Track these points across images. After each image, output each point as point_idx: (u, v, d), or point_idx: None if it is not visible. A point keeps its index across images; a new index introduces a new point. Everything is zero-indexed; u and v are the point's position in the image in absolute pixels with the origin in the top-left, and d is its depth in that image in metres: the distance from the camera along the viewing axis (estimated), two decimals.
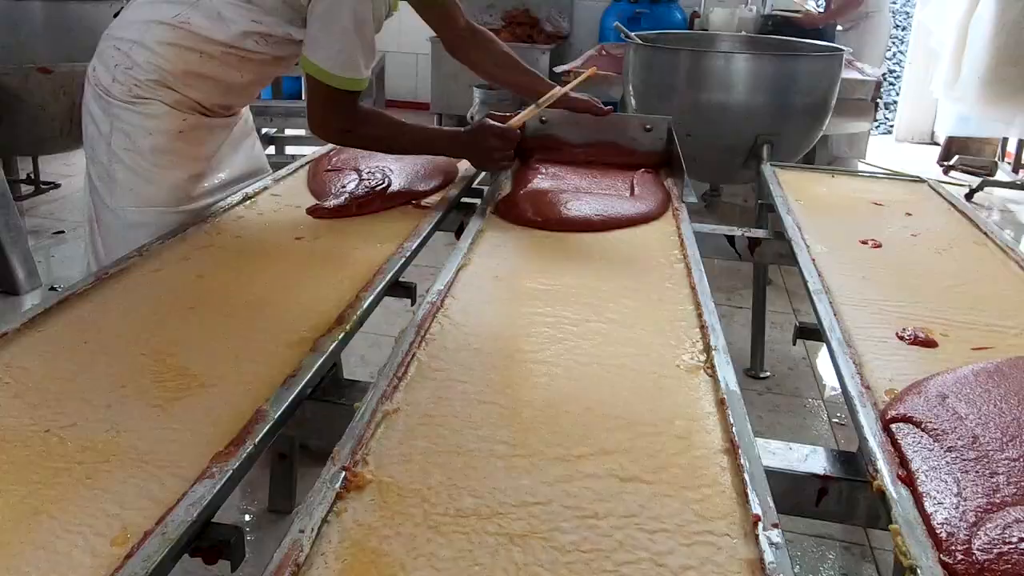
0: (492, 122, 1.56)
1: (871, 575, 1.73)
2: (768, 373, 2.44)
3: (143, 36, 1.38)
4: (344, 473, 0.74)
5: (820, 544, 1.78)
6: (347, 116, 1.44)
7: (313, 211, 1.47)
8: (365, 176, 1.64)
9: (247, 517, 1.82)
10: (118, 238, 1.43)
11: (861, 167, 4.21)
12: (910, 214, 1.67)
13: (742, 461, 0.78)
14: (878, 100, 3.38)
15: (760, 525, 0.69)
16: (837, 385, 2.40)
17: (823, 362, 2.61)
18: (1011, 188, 4.73)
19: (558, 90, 1.68)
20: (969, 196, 4.46)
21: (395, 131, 1.51)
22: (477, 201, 1.61)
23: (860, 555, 1.77)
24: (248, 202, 1.51)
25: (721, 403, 0.88)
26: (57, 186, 3.89)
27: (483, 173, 1.93)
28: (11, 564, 0.62)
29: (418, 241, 1.34)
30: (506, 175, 1.73)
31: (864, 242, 1.47)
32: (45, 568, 0.62)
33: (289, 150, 4.44)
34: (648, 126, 1.83)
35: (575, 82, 1.75)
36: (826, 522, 1.81)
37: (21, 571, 0.61)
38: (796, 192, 1.79)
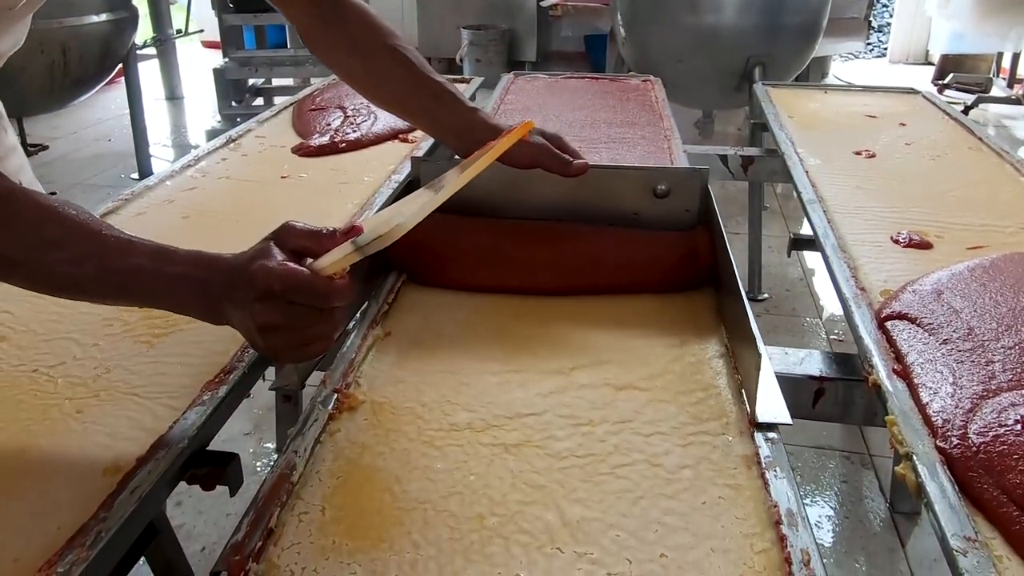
0: (280, 259, 0.64)
1: (871, 480, 1.75)
2: (766, 295, 2.43)
3: None
4: (336, 395, 0.74)
5: (820, 455, 1.80)
6: None
7: (298, 149, 1.45)
8: (350, 113, 1.62)
9: (258, 464, 1.83)
10: None
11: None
12: (904, 124, 1.65)
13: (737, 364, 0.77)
14: (871, 19, 3.32)
15: None
16: (835, 305, 2.42)
17: (820, 282, 2.61)
18: (1006, 104, 4.68)
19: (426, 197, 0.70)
20: (964, 113, 4.41)
21: (59, 246, 0.64)
22: None
23: (859, 463, 1.79)
24: (232, 144, 1.49)
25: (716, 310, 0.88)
26: (45, 148, 3.86)
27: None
28: (4, 496, 0.61)
29: (405, 173, 1.32)
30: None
31: (858, 153, 1.46)
32: (39, 499, 0.61)
33: (278, 101, 4.40)
34: (662, 186, 0.98)
35: (488, 154, 0.74)
36: (826, 434, 1.86)
37: (14, 502, 0.61)
38: (789, 109, 1.76)
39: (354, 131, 1.51)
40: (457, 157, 1.02)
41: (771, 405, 0.70)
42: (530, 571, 0.56)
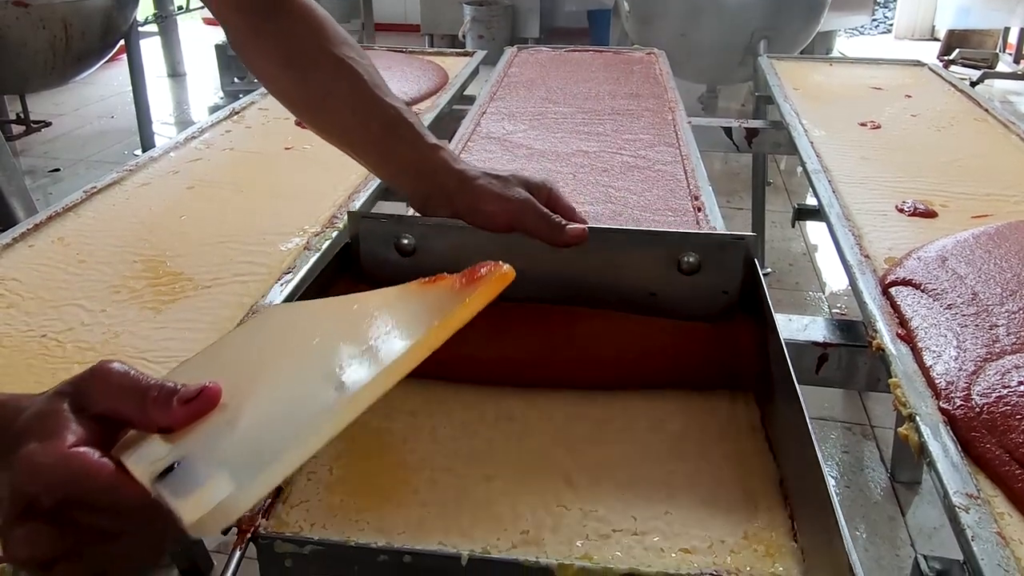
0: (69, 440, 0.39)
1: (871, 451, 1.76)
2: (769, 270, 2.44)
3: None
4: None
5: (822, 425, 1.81)
6: None
7: (301, 122, 1.45)
8: None
9: None
10: None
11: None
12: (910, 96, 1.64)
13: None
14: None
15: None
16: (838, 279, 2.42)
17: (823, 256, 2.61)
18: (1012, 79, 4.66)
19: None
20: None
21: None
22: (469, 108, 1.56)
23: (860, 434, 1.80)
24: (236, 116, 1.49)
25: None
26: (48, 124, 3.85)
27: (475, 77, 1.87)
28: None
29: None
30: None
31: (863, 124, 1.45)
32: None
33: None
34: (690, 258, 0.73)
35: (436, 329, 0.45)
36: (827, 405, 1.87)
37: None
38: (794, 81, 1.75)
39: None
40: (412, 213, 0.80)
41: None
42: (537, 528, 0.56)
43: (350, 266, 0.79)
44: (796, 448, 0.56)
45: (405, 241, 0.77)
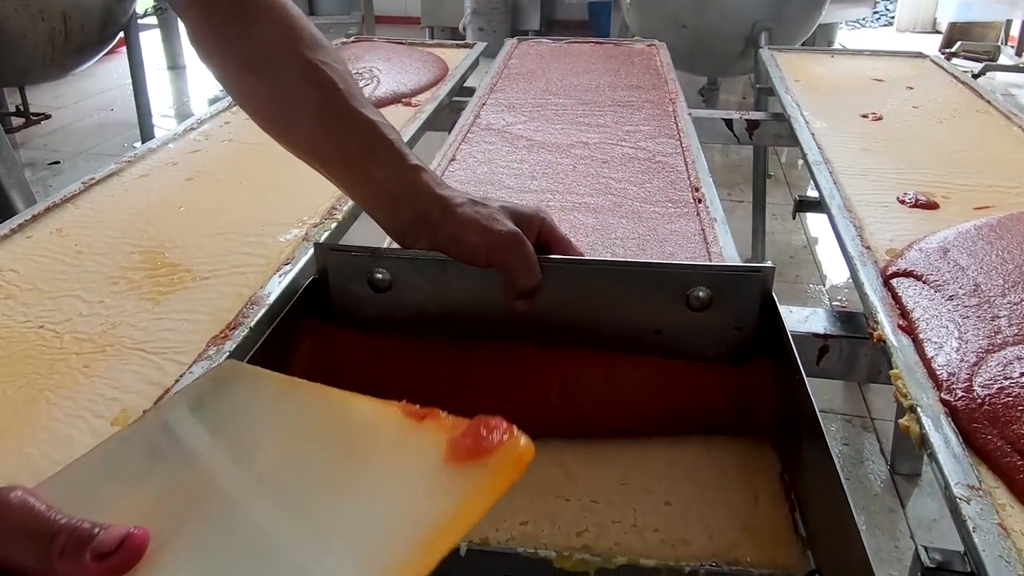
0: None
1: (871, 443, 1.76)
2: (769, 263, 2.44)
3: None
4: None
5: (821, 418, 1.81)
6: None
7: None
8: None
9: None
10: None
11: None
12: (911, 88, 1.64)
13: None
14: None
15: None
16: (838, 272, 2.42)
17: (823, 249, 2.60)
18: (1014, 72, 4.65)
19: None
20: None
21: None
22: (469, 100, 1.55)
23: (860, 426, 1.81)
24: (235, 108, 1.48)
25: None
26: (48, 117, 3.84)
27: (475, 68, 1.87)
28: (13, 447, 0.62)
29: (407, 138, 1.32)
30: None
31: (864, 116, 1.45)
32: (48, 448, 0.62)
33: None
34: (700, 292, 0.65)
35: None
36: (827, 397, 1.86)
37: (24, 452, 0.61)
38: (795, 73, 1.75)
39: None
40: (390, 243, 0.73)
41: None
42: (535, 520, 0.56)
43: (318, 304, 0.73)
44: (826, 504, 0.52)
45: (379, 276, 0.70)
